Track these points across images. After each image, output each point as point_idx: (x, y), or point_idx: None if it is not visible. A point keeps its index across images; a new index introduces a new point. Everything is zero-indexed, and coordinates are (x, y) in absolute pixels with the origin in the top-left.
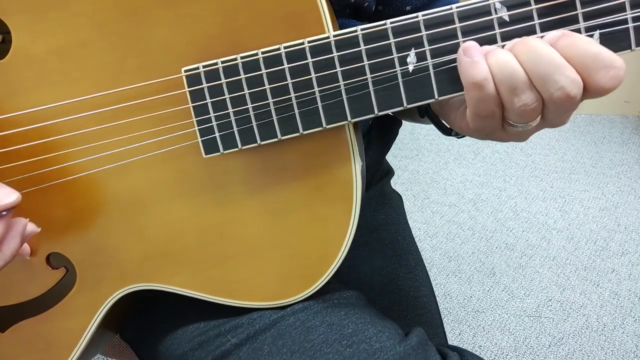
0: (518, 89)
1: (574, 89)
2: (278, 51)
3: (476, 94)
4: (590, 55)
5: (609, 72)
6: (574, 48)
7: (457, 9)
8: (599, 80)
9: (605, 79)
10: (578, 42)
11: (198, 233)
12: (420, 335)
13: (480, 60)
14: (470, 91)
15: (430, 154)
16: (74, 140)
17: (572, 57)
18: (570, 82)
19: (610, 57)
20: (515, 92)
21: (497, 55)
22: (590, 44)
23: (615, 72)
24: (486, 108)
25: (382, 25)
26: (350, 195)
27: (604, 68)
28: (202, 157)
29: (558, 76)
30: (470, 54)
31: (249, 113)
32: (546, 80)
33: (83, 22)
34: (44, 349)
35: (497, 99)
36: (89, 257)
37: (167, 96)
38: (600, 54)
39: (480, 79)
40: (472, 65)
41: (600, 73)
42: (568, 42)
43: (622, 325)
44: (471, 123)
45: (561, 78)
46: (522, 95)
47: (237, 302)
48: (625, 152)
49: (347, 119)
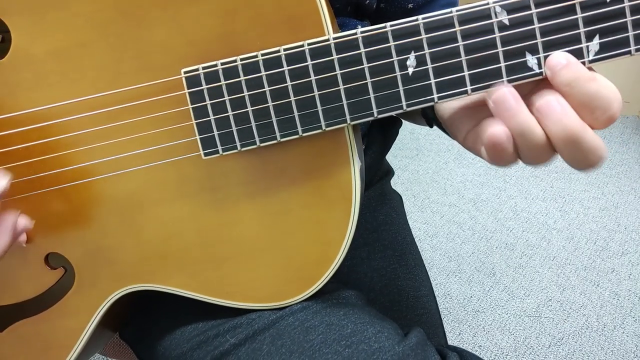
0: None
1: (597, 162)
2: (278, 53)
3: (494, 151)
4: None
5: (605, 114)
6: (574, 85)
7: (457, 13)
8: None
9: (601, 119)
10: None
11: (197, 234)
12: (420, 336)
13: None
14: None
15: (430, 154)
16: (72, 141)
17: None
18: (597, 159)
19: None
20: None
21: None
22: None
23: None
24: (504, 160)
25: (382, 28)
26: (350, 197)
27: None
28: (201, 158)
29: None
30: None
31: (249, 115)
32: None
33: (82, 22)
34: (42, 349)
35: (515, 154)
36: (87, 258)
37: (166, 97)
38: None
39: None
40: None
41: (597, 112)
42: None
43: (622, 325)
44: (486, 159)
45: (590, 158)
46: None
47: (235, 304)
48: (625, 152)
49: (346, 122)
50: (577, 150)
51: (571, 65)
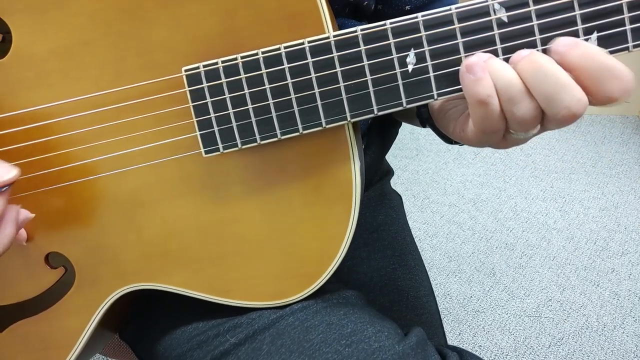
0: (518, 99)
1: (580, 107)
2: (278, 51)
3: (481, 111)
4: (605, 66)
5: (621, 84)
6: (589, 59)
7: (456, 10)
8: (612, 91)
9: (618, 89)
10: (593, 53)
11: (197, 232)
12: (420, 335)
13: (483, 77)
14: (476, 109)
15: (430, 154)
16: (73, 140)
17: (587, 66)
18: (576, 101)
19: (622, 69)
20: (515, 103)
21: (498, 68)
22: (605, 55)
23: (626, 83)
24: (492, 125)
25: (382, 26)
26: (350, 195)
27: (617, 79)
28: (202, 156)
29: (564, 95)
30: (473, 70)
31: (249, 112)
32: (552, 99)
33: (83, 21)
34: (42, 349)
35: (501, 114)
36: (88, 257)
37: (167, 95)
38: (614, 65)
39: (484, 97)
40: (476, 82)
41: (613, 83)
42: (581, 52)
43: (622, 325)
44: (475, 137)
45: (567, 97)
46: (521, 105)
47: (236, 302)
48: (625, 152)
49: (346, 119)
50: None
51: (579, 43)
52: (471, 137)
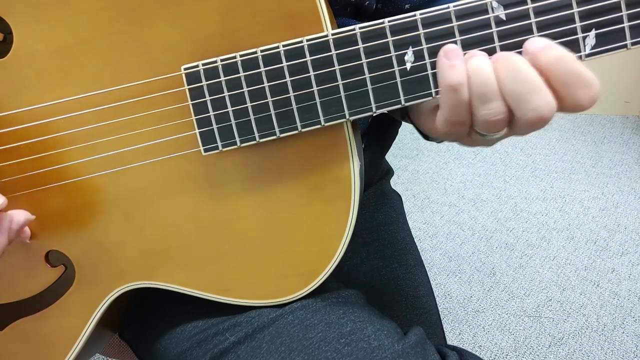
0: (487, 97)
1: (548, 110)
2: (277, 49)
3: (450, 98)
4: (575, 72)
5: (590, 92)
6: (560, 63)
7: (454, 8)
8: (579, 98)
9: (586, 97)
10: (564, 58)
11: (196, 230)
12: (419, 334)
13: (458, 64)
14: (445, 94)
15: (430, 154)
16: (73, 138)
17: (557, 70)
18: (545, 104)
19: (591, 77)
20: (483, 100)
21: (475, 62)
22: (576, 62)
23: (594, 92)
24: (458, 114)
25: (380, 24)
26: (349, 193)
27: (585, 87)
28: (201, 154)
29: (533, 97)
30: (450, 56)
31: (248, 110)
32: (521, 99)
33: (84, 20)
34: (42, 347)
35: (469, 107)
36: (87, 255)
37: (166, 94)
38: (584, 72)
39: (456, 83)
40: (450, 68)
41: (582, 91)
42: (554, 56)
43: (622, 325)
44: (441, 126)
45: (536, 99)
46: (489, 104)
47: (235, 300)
48: (625, 152)
49: (345, 117)
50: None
51: (552, 46)
52: (439, 127)
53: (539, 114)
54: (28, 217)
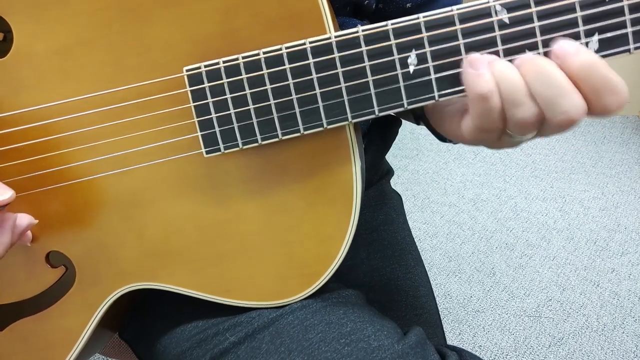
0: (520, 101)
1: (578, 114)
2: (280, 51)
3: (481, 107)
4: (605, 79)
5: (618, 99)
6: (591, 69)
7: (457, 11)
8: (607, 104)
9: (614, 104)
10: (596, 64)
11: (198, 232)
12: (419, 335)
13: (486, 73)
14: (476, 104)
15: (430, 154)
16: (74, 140)
17: (587, 76)
18: (575, 107)
19: (620, 83)
20: (517, 105)
21: (502, 69)
22: (607, 68)
23: (623, 99)
24: (490, 122)
25: (384, 26)
26: (350, 195)
27: (614, 94)
28: (203, 156)
29: (563, 100)
30: (476, 66)
31: (250, 113)
32: (551, 103)
33: (84, 20)
34: (42, 348)
35: (501, 113)
36: (88, 256)
37: (168, 95)
38: (614, 79)
39: (486, 91)
40: (478, 77)
41: (611, 97)
42: (585, 62)
43: (622, 325)
44: (470, 134)
45: (566, 102)
46: (523, 107)
47: (236, 302)
48: (625, 152)
49: (347, 120)
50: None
51: (582, 51)
52: (466, 134)
53: (568, 117)
54: (31, 221)
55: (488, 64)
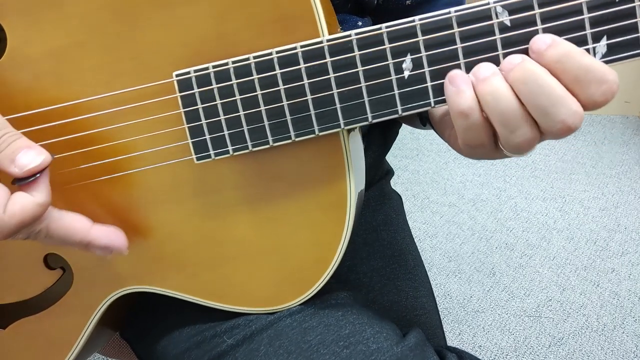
0: (513, 124)
1: (576, 121)
2: (270, 56)
3: (462, 123)
4: (584, 67)
5: (600, 87)
6: (567, 59)
7: (455, 14)
8: (592, 94)
9: (598, 93)
10: (571, 53)
11: (192, 237)
12: (419, 336)
13: (465, 90)
14: (457, 120)
15: (430, 154)
16: (70, 144)
17: (565, 67)
18: (571, 114)
19: (602, 71)
20: (510, 128)
21: (487, 88)
22: (585, 56)
23: (608, 87)
24: (475, 137)
25: (377, 30)
26: (345, 201)
27: (597, 82)
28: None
29: (559, 109)
30: (455, 83)
31: (241, 119)
32: (547, 113)
33: (77, 23)
34: (44, 346)
35: (487, 130)
36: (85, 259)
37: (159, 101)
38: (594, 66)
39: (466, 108)
40: (457, 94)
41: (594, 87)
42: (561, 52)
43: (622, 325)
44: (462, 149)
45: (562, 111)
46: (518, 132)
47: (231, 307)
48: (626, 152)
49: (340, 127)
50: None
51: (558, 42)
52: (461, 148)
53: (566, 125)
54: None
55: (475, 79)
